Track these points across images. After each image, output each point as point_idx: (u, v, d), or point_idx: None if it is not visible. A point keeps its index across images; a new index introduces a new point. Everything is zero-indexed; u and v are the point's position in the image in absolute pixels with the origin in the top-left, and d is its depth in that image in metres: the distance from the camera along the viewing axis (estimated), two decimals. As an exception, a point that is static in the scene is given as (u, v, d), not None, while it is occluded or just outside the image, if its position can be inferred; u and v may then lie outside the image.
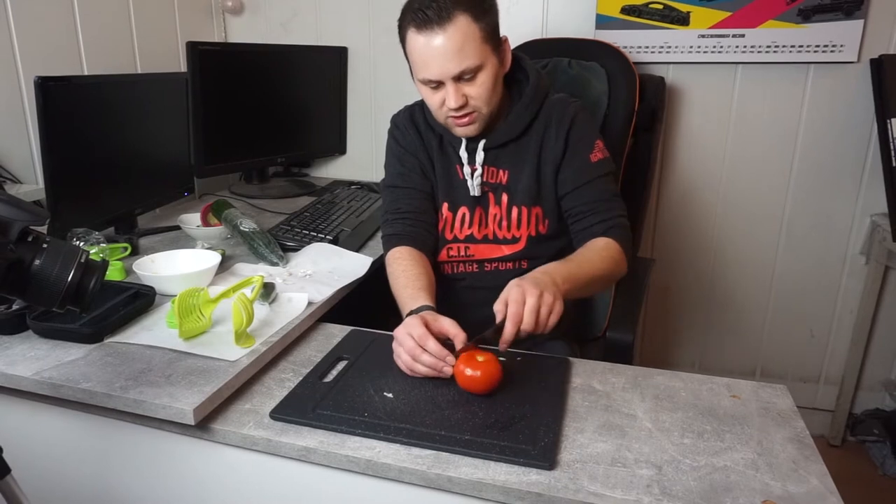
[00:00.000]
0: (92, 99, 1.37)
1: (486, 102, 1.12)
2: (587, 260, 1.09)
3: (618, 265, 1.12)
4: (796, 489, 0.72)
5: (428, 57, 1.07)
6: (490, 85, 1.11)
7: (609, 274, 1.10)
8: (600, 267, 1.08)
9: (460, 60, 1.06)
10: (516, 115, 1.18)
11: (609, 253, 1.11)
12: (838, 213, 1.87)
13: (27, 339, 0.99)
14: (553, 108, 1.19)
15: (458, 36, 1.05)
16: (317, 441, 0.80)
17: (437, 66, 1.07)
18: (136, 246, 1.40)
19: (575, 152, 1.18)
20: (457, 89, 1.09)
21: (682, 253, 2.00)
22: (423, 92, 1.15)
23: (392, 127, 1.29)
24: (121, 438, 0.91)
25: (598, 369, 0.98)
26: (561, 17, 1.88)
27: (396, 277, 1.12)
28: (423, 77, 1.10)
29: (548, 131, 1.19)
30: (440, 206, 1.24)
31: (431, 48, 1.06)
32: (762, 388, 0.93)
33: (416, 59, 1.10)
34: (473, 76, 1.09)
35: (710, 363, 2.09)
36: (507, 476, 0.74)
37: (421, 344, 0.90)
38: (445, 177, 1.24)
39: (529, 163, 1.19)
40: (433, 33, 1.05)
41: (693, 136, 1.90)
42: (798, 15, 1.70)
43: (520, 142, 1.20)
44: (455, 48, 1.05)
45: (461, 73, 1.07)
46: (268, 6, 2.13)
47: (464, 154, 1.21)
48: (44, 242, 0.70)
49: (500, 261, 1.23)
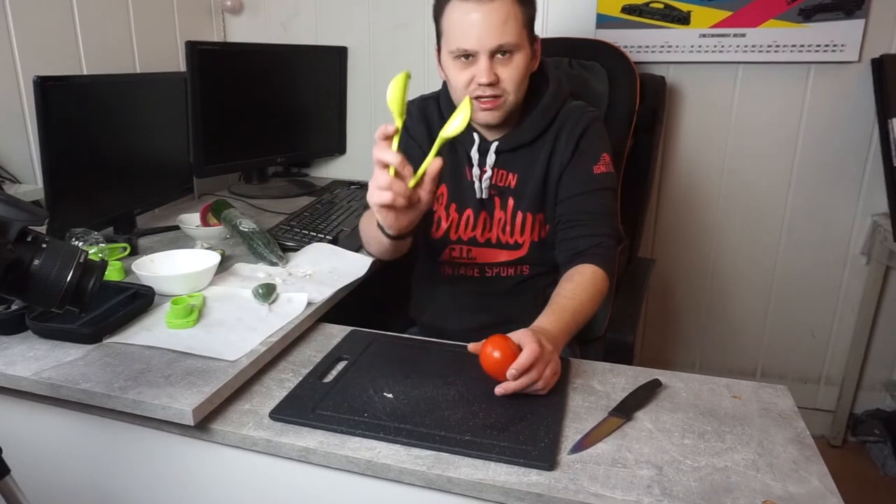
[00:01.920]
0: (91, 99, 1.37)
1: (516, 88, 1.11)
2: (582, 308, 1.02)
3: (602, 295, 1.08)
4: (797, 489, 0.72)
5: (468, 26, 1.07)
6: (523, 70, 1.11)
7: (595, 308, 1.07)
8: (591, 309, 1.04)
9: (501, 34, 1.06)
10: (532, 120, 1.18)
11: (597, 288, 1.07)
12: (839, 213, 1.87)
13: (26, 340, 0.99)
14: (569, 116, 1.19)
15: (503, 10, 1.05)
16: (316, 441, 0.80)
17: (477, 37, 1.06)
18: (136, 246, 1.39)
19: (580, 160, 1.17)
20: (490, 66, 1.08)
21: (682, 253, 2.00)
22: (450, 69, 1.13)
23: None
24: (120, 439, 0.91)
25: (598, 369, 0.98)
26: (561, 16, 1.88)
27: (369, 214, 1.10)
28: (458, 47, 1.08)
29: (559, 137, 1.18)
30: (448, 207, 1.24)
31: (473, 18, 1.06)
32: (763, 389, 0.93)
33: (454, 28, 1.09)
34: (509, 56, 1.09)
35: (711, 363, 2.09)
36: (507, 476, 0.73)
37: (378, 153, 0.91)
38: (454, 177, 1.23)
39: (539, 168, 1.18)
40: (479, 3, 1.05)
41: (693, 136, 1.90)
42: (799, 14, 1.70)
43: (532, 147, 1.19)
44: (498, 21, 1.05)
45: (499, 47, 1.07)
46: (267, 6, 2.13)
47: (475, 155, 1.20)
48: (43, 242, 0.70)
49: (502, 266, 1.23)
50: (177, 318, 1.02)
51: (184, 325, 1.02)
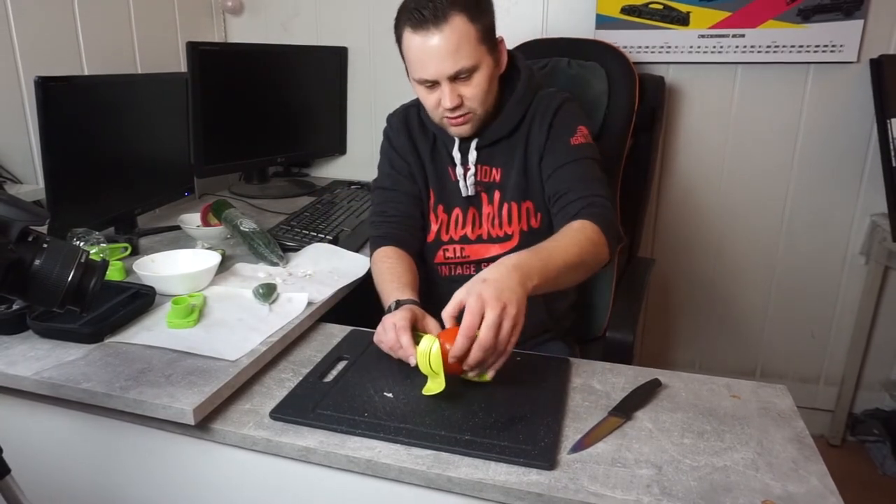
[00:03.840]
0: (92, 99, 1.37)
1: (481, 103, 1.12)
2: (560, 247, 0.97)
3: (596, 248, 1.01)
4: (796, 489, 0.72)
5: (424, 57, 1.07)
6: (485, 86, 1.11)
7: (586, 260, 0.99)
8: (575, 253, 0.96)
9: (456, 61, 1.06)
10: (507, 113, 1.18)
11: (585, 235, 1.01)
12: (838, 213, 1.87)
13: (27, 339, 0.99)
14: (541, 102, 1.19)
15: (454, 36, 1.05)
16: (317, 441, 0.80)
17: (433, 66, 1.07)
18: (136, 246, 1.40)
19: (556, 137, 1.17)
20: (452, 89, 1.09)
21: (682, 253, 2.00)
22: (419, 92, 1.15)
23: (387, 126, 1.30)
24: (121, 438, 0.91)
25: (598, 369, 0.98)
26: (561, 17, 1.88)
27: (382, 273, 1.13)
28: (419, 77, 1.10)
29: (533, 123, 1.18)
30: (436, 209, 1.24)
31: (427, 48, 1.06)
32: (762, 388, 0.93)
33: (412, 59, 1.10)
34: (469, 76, 1.09)
35: (710, 363, 2.09)
36: (507, 476, 0.74)
37: (398, 337, 0.92)
38: (438, 179, 1.24)
39: (518, 157, 1.19)
40: (429, 33, 1.05)
41: (693, 136, 1.90)
42: (798, 15, 1.70)
43: (511, 139, 1.20)
44: (451, 48, 1.05)
45: (457, 73, 1.07)
46: (268, 6, 2.13)
47: (457, 154, 1.21)
48: (44, 242, 0.70)
49: (495, 261, 1.22)
50: (177, 318, 1.02)
51: (184, 324, 1.02)
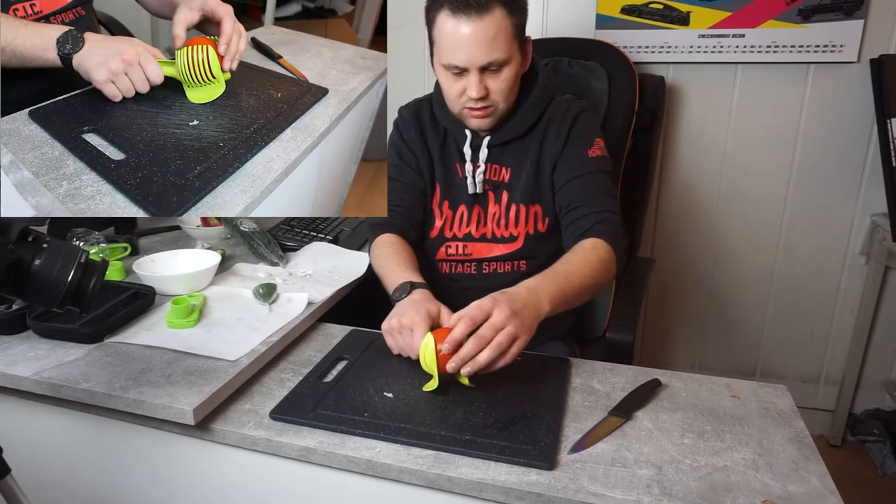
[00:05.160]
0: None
1: (505, 98, 1.12)
2: (575, 270, 1.01)
3: (607, 268, 1.06)
4: (796, 489, 0.72)
5: (457, 43, 1.06)
6: (511, 81, 1.11)
7: (598, 281, 1.04)
8: (589, 275, 1.02)
9: (490, 51, 1.06)
10: (523, 114, 1.18)
11: (597, 256, 1.05)
12: (838, 213, 1.87)
13: (27, 339, 0.99)
14: (558, 107, 1.20)
15: (492, 27, 1.04)
16: (317, 441, 0.80)
17: (466, 54, 1.06)
18: (136, 246, 1.40)
19: (573, 147, 1.17)
20: (480, 80, 1.08)
21: (682, 253, 2.00)
22: (442, 78, 1.13)
23: (398, 118, 1.29)
24: (121, 438, 0.91)
25: (598, 369, 0.98)
26: (561, 16, 1.88)
27: (387, 256, 1.13)
28: (448, 62, 1.09)
29: (549, 130, 1.19)
30: (441, 205, 1.24)
31: (463, 34, 1.05)
32: (762, 388, 0.93)
33: (444, 43, 1.08)
34: (498, 70, 1.09)
35: (710, 363, 2.09)
36: (507, 476, 0.74)
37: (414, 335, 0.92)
38: (446, 175, 1.24)
39: (531, 160, 1.19)
40: (469, 20, 1.04)
41: (693, 136, 1.90)
42: (798, 15, 1.70)
43: (524, 140, 1.20)
44: (488, 39, 1.05)
45: (488, 64, 1.07)
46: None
47: (468, 151, 1.20)
48: (44, 242, 0.70)
49: (498, 260, 1.23)
50: (177, 318, 1.02)
51: (184, 324, 1.02)
